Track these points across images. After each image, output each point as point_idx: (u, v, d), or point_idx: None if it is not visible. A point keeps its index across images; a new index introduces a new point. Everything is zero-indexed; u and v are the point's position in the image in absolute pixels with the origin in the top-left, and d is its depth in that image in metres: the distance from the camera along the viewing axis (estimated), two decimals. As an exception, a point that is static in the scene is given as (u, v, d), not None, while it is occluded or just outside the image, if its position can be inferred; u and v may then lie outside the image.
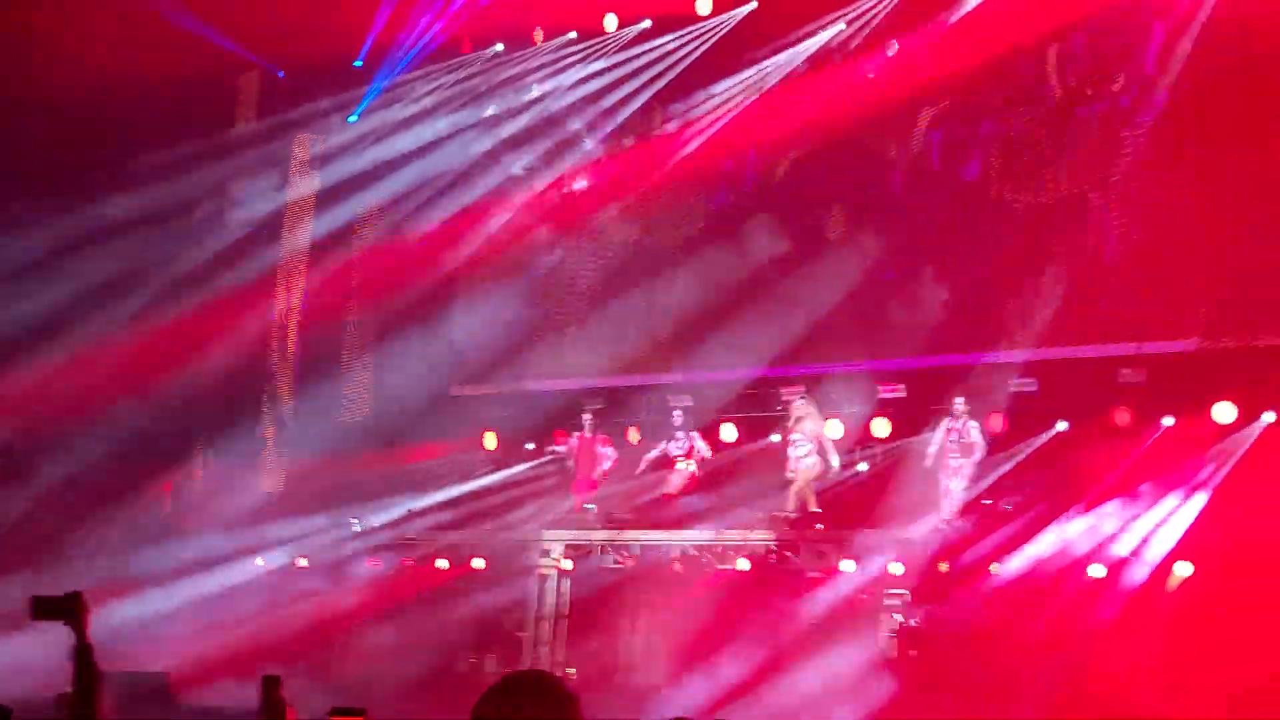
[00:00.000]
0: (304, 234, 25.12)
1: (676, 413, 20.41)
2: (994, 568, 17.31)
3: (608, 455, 20.76)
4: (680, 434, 20.38)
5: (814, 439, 19.17)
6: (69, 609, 5.73)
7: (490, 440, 22.52)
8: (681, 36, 22.18)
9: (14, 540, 20.88)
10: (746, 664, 17.73)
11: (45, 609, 5.78)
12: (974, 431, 18.37)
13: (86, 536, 21.78)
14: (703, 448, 20.27)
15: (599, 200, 23.05)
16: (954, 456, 18.36)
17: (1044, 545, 17.17)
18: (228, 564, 21.34)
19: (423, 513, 21.70)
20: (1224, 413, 17.11)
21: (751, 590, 18.87)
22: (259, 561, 21.62)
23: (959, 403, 18.45)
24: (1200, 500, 16.95)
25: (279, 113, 25.34)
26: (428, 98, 24.28)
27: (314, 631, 20.44)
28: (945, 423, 18.52)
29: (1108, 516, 17.17)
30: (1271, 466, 16.53)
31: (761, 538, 19.21)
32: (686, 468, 20.20)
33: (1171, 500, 17.12)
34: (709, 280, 21.27)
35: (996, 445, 18.61)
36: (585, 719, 4.06)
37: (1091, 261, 18.71)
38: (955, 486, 18.34)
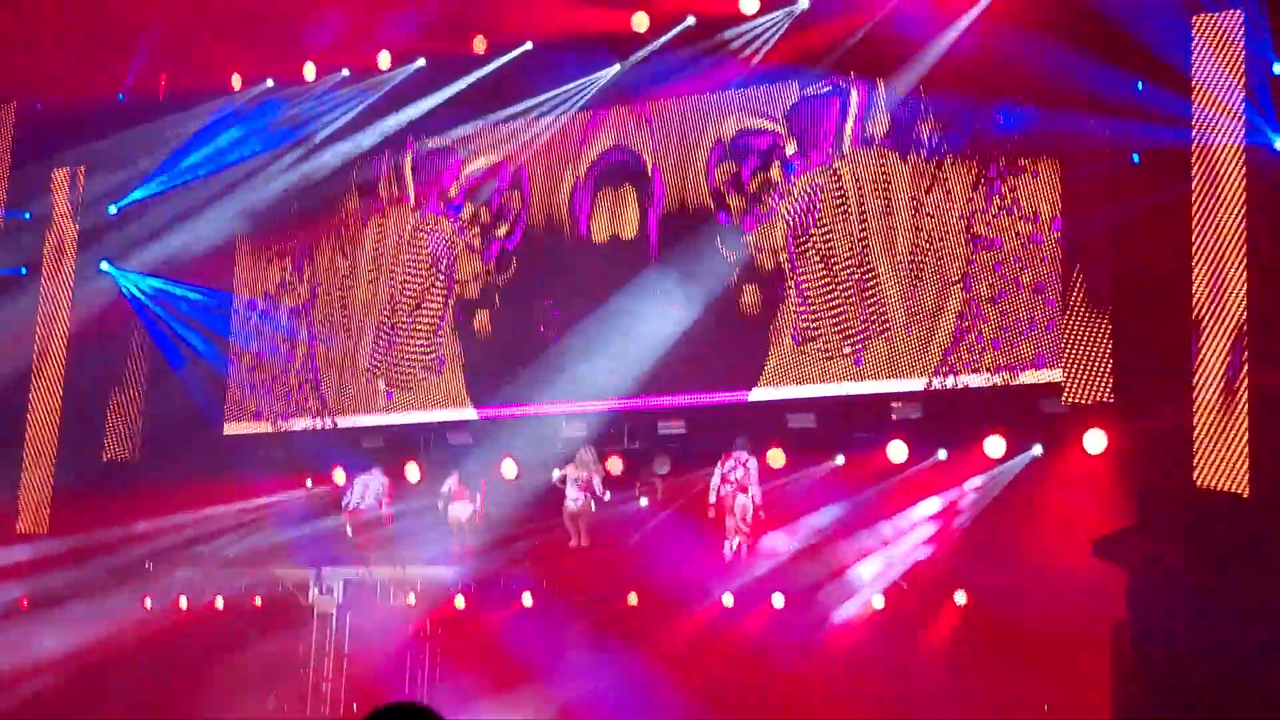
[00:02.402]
0: (66, 269, 24.45)
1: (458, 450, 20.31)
2: (776, 600, 17.61)
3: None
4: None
5: (585, 482, 19.32)
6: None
7: (269, 478, 22.21)
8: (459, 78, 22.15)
9: None
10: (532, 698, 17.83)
11: None
12: (754, 469, 18.63)
13: None
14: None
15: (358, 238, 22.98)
16: (732, 490, 18.57)
17: (823, 577, 17.57)
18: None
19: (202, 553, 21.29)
20: (994, 446, 17.73)
21: (538, 625, 18.87)
22: (24, 604, 21.03)
23: (740, 441, 18.76)
24: (972, 530, 17.58)
25: (38, 145, 24.70)
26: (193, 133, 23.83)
27: (84, 675, 19.94)
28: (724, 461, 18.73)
29: (884, 548, 17.64)
30: (1036, 497, 17.21)
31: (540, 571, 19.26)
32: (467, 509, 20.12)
33: (940, 530, 17.73)
34: (487, 314, 21.34)
35: (775, 479, 18.98)
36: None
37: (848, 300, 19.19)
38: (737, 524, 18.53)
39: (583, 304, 20.65)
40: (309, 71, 23.11)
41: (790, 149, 19.76)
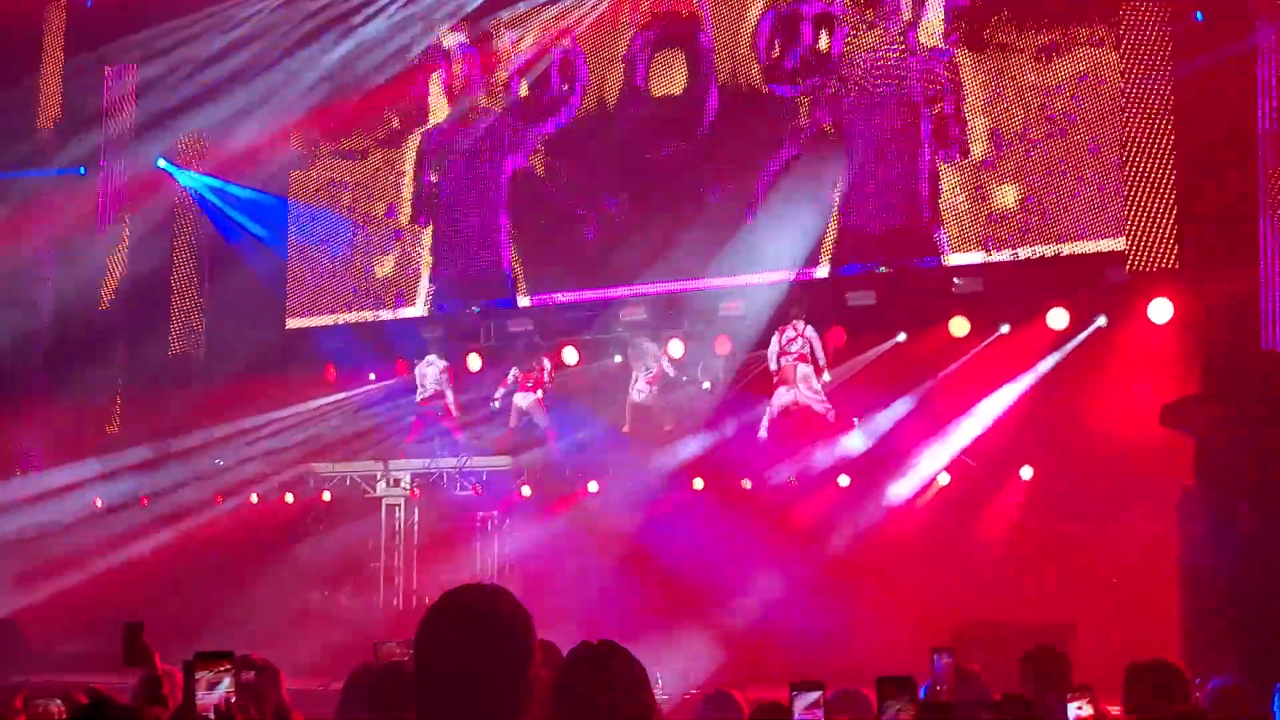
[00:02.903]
0: (123, 166, 24.51)
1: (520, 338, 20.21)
2: (842, 480, 17.63)
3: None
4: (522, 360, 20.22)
5: (648, 372, 19.28)
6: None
7: (331, 372, 22.27)
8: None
9: None
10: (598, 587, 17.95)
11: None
12: (815, 339, 18.53)
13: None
14: (547, 366, 20.17)
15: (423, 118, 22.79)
16: (792, 360, 18.47)
17: (889, 455, 17.56)
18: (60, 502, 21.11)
19: (270, 448, 21.44)
20: (1058, 318, 17.55)
21: (604, 511, 18.96)
22: (98, 502, 21.34)
23: (794, 311, 18.63)
24: (1036, 403, 17.47)
25: (89, 43, 24.65)
26: (248, 23, 23.64)
27: (159, 572, 20.26)
28: (782, 332, 18.62)
29: (950, 424, 17.57)
30: (1104, 366, 17.06)
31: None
32: (529, 398, 20.06)
33: (1004, 405, 17.62)
34: (547, 201, 21.23)
35: (838, 359, 18.86)
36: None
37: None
38: (803, 395, 18.46)
39: (637, 185, 20.50)
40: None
41: (844, 19, 19.44)
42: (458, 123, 22.35)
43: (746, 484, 18.17)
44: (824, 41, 19.53)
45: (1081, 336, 17.44)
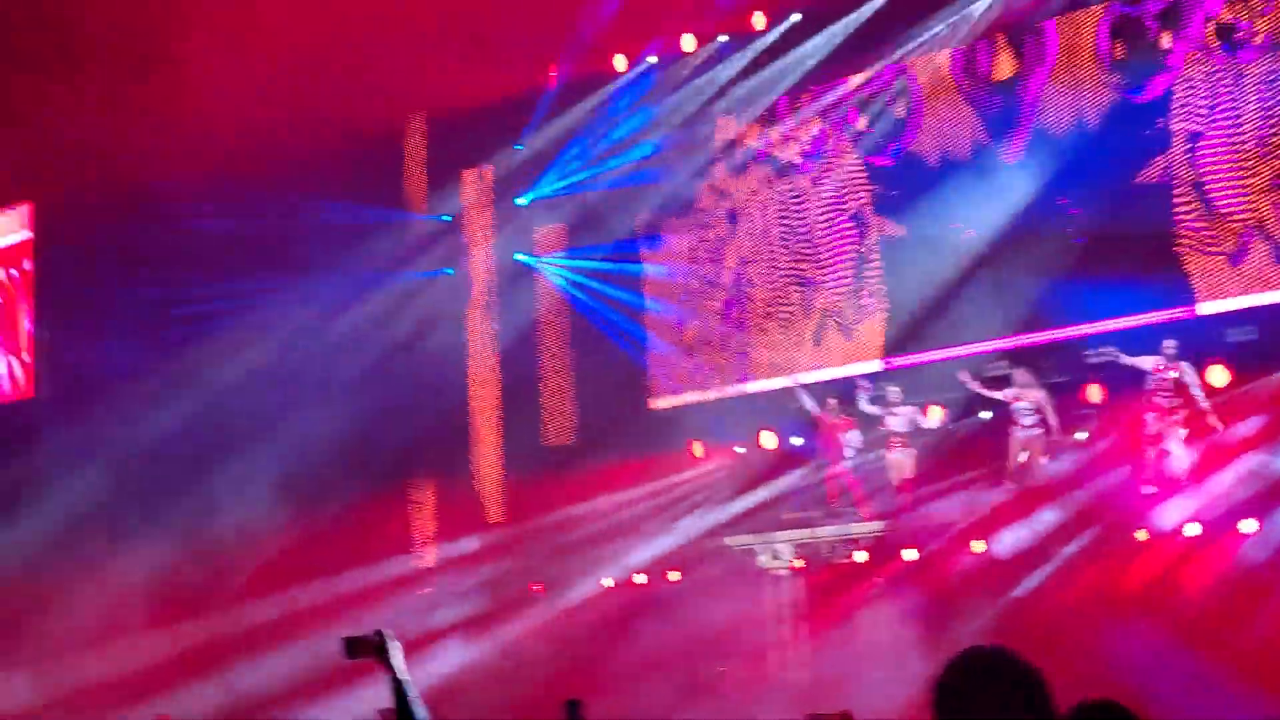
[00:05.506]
0: (486, 264, 25.46)
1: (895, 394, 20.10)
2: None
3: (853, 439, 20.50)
4: (901, 414, 20.05)
5: (1037, 406, 18.89)
6: (379, 646, 6.09)
7: (698, 449, 22.58)
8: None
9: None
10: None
11: (357, 649, 6.16)
12: (1189, 373, 17.91)
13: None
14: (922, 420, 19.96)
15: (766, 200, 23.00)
16: (1165, 397, 17.94)
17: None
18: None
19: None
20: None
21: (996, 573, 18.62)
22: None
23: (1169, 345, 18.05)
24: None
25: (447, 149, 25.67)
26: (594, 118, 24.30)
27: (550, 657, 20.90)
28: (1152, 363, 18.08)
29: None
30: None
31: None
32: (907, 455, 19.88)
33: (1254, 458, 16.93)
34: (908, 264, 21.21)
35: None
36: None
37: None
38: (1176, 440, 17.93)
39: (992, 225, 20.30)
40: (688, 43, 23.32)
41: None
42: (809, 186, 22.48)
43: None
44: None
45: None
